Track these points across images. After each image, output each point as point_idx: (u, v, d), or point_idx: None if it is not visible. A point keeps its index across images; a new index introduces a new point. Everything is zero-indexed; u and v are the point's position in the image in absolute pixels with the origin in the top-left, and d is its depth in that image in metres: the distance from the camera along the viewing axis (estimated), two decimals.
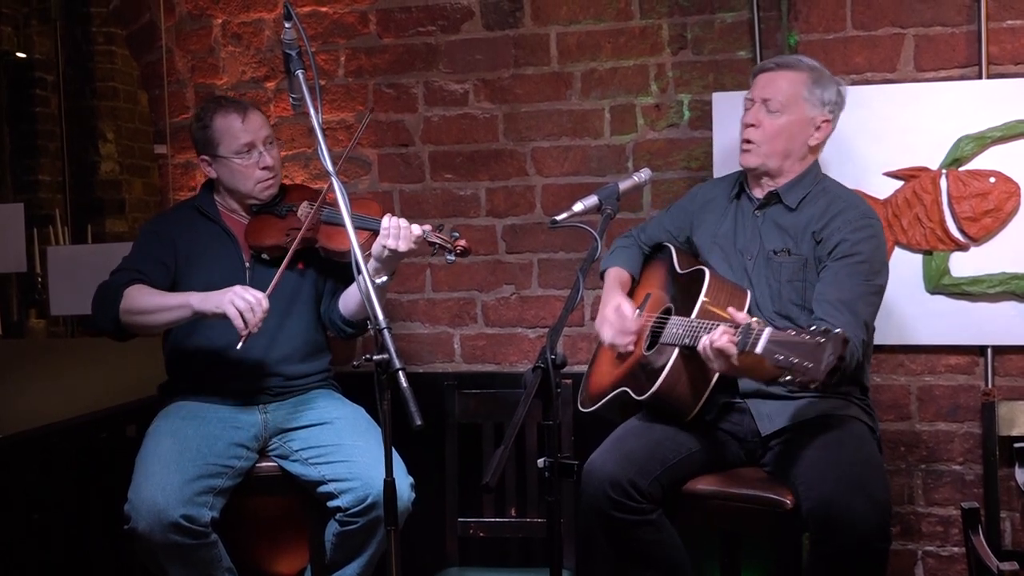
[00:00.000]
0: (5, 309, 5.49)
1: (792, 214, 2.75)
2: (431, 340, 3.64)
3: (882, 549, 2.42)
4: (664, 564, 2.62)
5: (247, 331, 2.70)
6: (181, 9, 3.76)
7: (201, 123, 3.04)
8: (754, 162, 2.76)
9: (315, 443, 2.91)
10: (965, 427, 3.18)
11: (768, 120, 2.73)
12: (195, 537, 2.72)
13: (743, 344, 2.25)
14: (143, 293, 2.86)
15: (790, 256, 2.71)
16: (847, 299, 2.56)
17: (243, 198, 3.07)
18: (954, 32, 3.12)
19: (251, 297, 2.71)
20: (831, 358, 2.07)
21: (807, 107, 2.74)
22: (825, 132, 2.78)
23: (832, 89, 2.76)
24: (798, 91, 2.73)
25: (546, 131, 3.50)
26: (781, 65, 2.78)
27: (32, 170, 6.20)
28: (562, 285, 3.51)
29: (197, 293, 2.80)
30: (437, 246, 2.91)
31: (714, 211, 2.91)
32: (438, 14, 3.56)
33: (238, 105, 3.06)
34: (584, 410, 2.90)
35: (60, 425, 3.30)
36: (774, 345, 2.17)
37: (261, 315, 2.71)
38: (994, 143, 3.06)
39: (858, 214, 2.68)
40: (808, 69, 2.76)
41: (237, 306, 2.69)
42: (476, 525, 3.21)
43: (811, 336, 2.12)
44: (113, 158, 6.51)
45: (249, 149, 3.00)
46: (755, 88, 2.79)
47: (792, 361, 2.11)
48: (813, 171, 2.80)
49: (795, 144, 2.75)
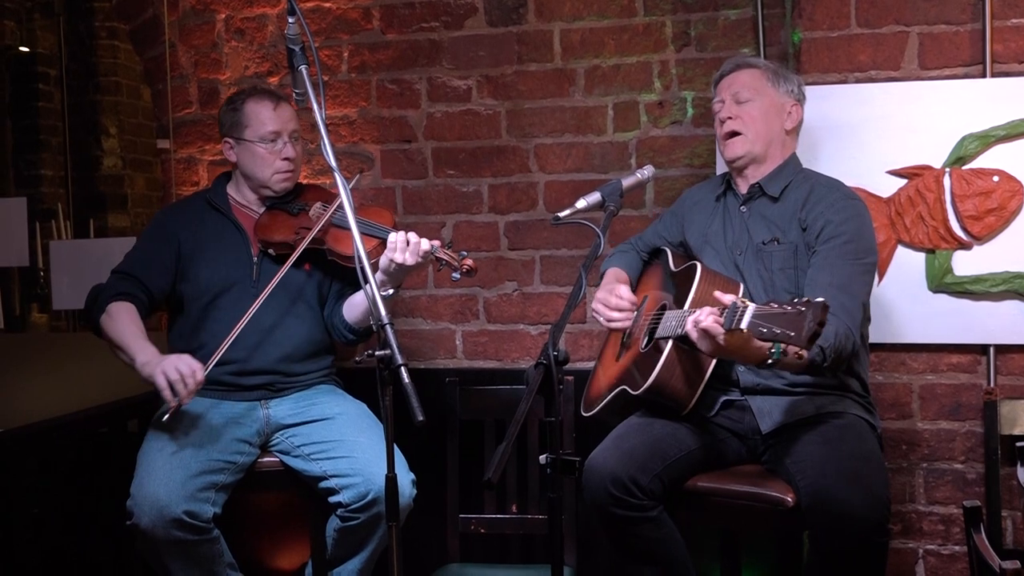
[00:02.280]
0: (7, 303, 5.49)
1: (776, 204, 2.78)
2: (433, 336, 3.64)
3: (881, 543, 2.43)
4: (665, 561, 2.62)
5: (175, 403, 2.66)
6: (184, 4, 3.76)
7: (232, 106, 3.07)
8: (741, 149, 2.80)
9: (317, 439, 2.91)
10: (967, 426, 3.18)
11: (743, 109, 2.80)
12: (197, 533, 2.72)
13: (729, 322, 2.26)
14: (120, 320, 2.84)
15: (779, 244, 2.73)
16: (839, 281, 2.58)
17: (258, 187, 3.07)
18: (958, 30, 3.11)
19: (185, 368, 2.66)
20: (812, 324, 2.07)
21: (774, 92, 2.83)
22: (796, 117, 2.85)
23: (792, 79, 2.87)
24: (761, 81, 2.83)
25: (549, 128, 3.50)
26: (740, 65, 2.87)
27: (35, 165, 6.21)
28: (564, 282, 3.51)
29: (149, 350, 2.75)
30: (444, 263, 2.91)
31: (702, 211, 2.95)
32: (441, 10, 3.56)
33: (272, 94, 3.09)
34: (586, 415, 2.91)
35: (62, 419, 3.30)
36: (758, 319, 2.17)
37: (194, 387, 2.67)
38: (998, 142, 3.06)
39: (840, 195, 2.73)
40: (764, 66, 2.87)
41: (168, 376, 2.65)
42: (477, 521, 3.22)
43: (792, 307, 2.13)
44: (116, 153, 6.51)
45: (275, 138, 3.02)
46: (719, 92, 2.87)
47: (776, 332, 2.12)
48: (793, 161, 2.85)
49: (773, 128, 2.81)
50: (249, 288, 2.97)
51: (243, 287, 2.97)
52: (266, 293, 2.80)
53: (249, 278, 2.99)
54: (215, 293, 2.99)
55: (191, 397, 2.68)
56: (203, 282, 2.99)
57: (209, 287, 2.99)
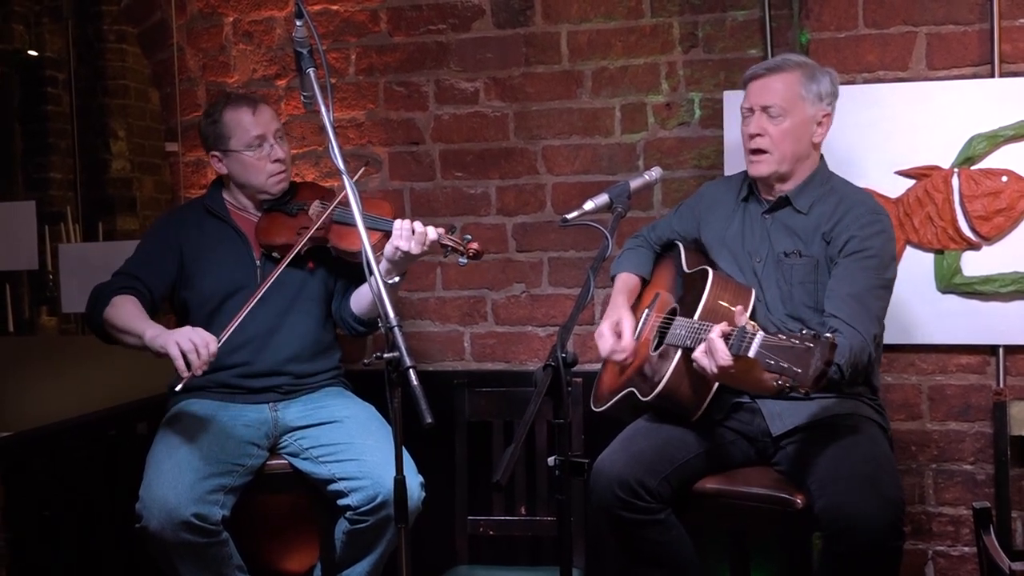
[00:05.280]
0: (16, 306, 5.50)
1: (802, 216, 2.73)
2: (441, 338, 3.64)
3: (895, 547, 2.42)
4: (673, 564, 2.62)
5: (189, 373, 2.65)
6: (192, 7, 3.77)
7: (211, 119, 3.04)
8: (767, 170, 2.73)
9: (326, 441, 2.91)
10: (976, 427, 3.17)
11: (772, 126, 2.70)
12: (206, 536, 2.72)
13: (736, 348, 2.25)
14: (125, 308, 2.84)
15: (801, 258, 2.70)
16: (857, 293, 2.56)
17: (254, 193, 3.07)
18: (966, 30, 3.11)
19: (198, 339, 2.65)
20: (818, 363, 2.06)
21: (807, 106, 2.70)
22: (827, 126, 2.76)
23: (825, 80, 2.73)
24: (795, 91, 2.69)
25: (557, 129, 3.50)
26: (772, 69, 2.73)
27: (43, 168, 6.21)
28: (572, 284, 3.51)
29: (156, 327, 2.75)
30: (449, 248, 2.91)
31: (721, 211, 2.90)
32: (449, 12, 3.56)
33: (248, 99, 3.07)
34: (596, 410, 2.90)
35: (71, 422, 3.31)
36: (766, 350, 2.17)
37: (208, 357, 2.65)
38: (1006, 142, 3.05)
39: (866, 210, 2.67)
40: (798, 66, 2.72)
41: (182, 346, 2.63)
42: (486, 523, 3.22)
43: (800, 341, 2.11)
44: (124, 156, 6.51)
45: (260, 142, 3.01)
46: (750, 96, 2.75)
47: (783, 367, 2.11)
48: (821, 171, 2.78)
49: (802, 145, 2.72)
50: (253, 292, 2.97)
51: (247, 292, 2.97)
52: (260, 294, 2.78)
53: (253, 282, 2.98)
54: (220, 299, 2.99)
55: (204, 368, 2.66)
56: (207, 289, 2.99)
57: (213, 294, 2.99)
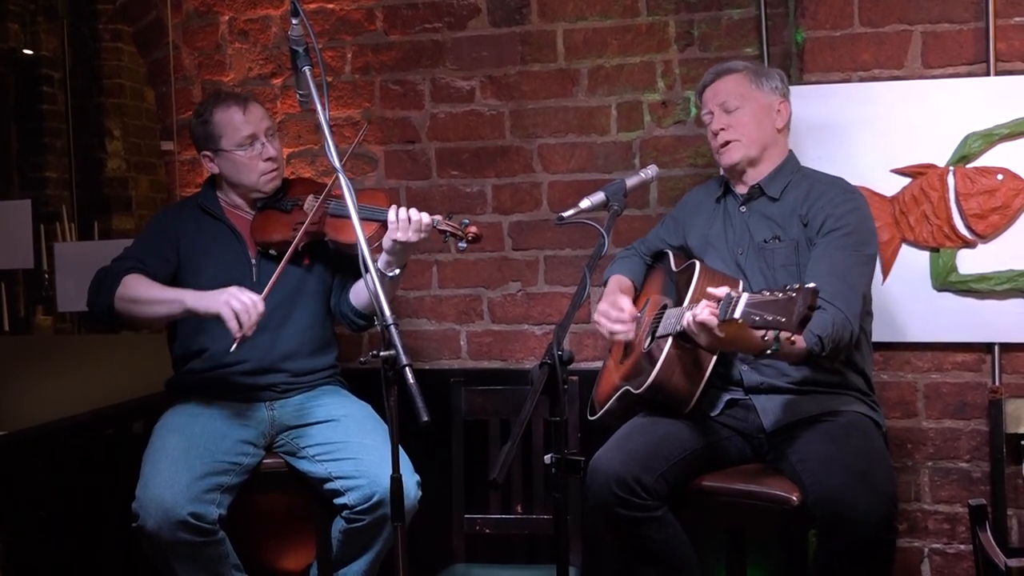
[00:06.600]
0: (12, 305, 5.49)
1: (776, 203, 2.80)
2: (437, 336, 3.64)
3: (888, 541, 2.43)
4: (670, 561, 2.62)
5: (241, 333, 2.67)
6: (188, 6, 3.77)
7: (201, 119, 3.03)
8: (737, 155, 2.80)
9: (322, 440, 2.91)
10: (972, 424, 3.18)
11: (733, 118, 2.80)
12: (203, 535, 2.72)
13: (723, 312, 2.26)
14: (141, 282, 2.86)
15: (780, 242, 2.75)
16: (838, 270, 2.59)
17: (247, 192, 3.06)
18: (962, 29, 3.11)
19: (247, 299, 2.68)
20: (802, 309, 2.09)
21: (761, 95, 2.82)
22: (786, 114, 2.86)
23: (774, 76, 2.87)
24: (746, 86, 2.82)
25: (552, 128, 3.50)
26: (720, 73, 2.86)
27: (39, 167, 6.20)
28: (568, 282, 3.51)
29: (193, 291, 2.79)
30: (448, 234, 2.90)
31: (703, 214, 2.96)
32: (444, 11, 3.56)
33: (237, 98, 3.06)
34: (591, 418, 2.92)
35: (67, 421, 3.30)
36: (751, 308, 2.18)
37: (256, 317, 2.68)
38: (1002, 140, 3.05)
39: (840, 190, 2.75)
40: (744, 68, 2.86)
41: (233, 307, 2.67)
42: (482, 522, 3.22)
43: (784, 293, 2.14)
44: (120, 155, 6.51)
45: (252, 141, 3.00)
46: (706, 102, 2.87)
47: (768, 319, 2.13)
48: (791, 161, 2.86)
49: (765, 129, 2.81)
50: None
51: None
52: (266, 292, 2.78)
53: (249, 280, 2.97)
54: None
55: (253, 329, 2.68)
56: (203, 287, 2.98)
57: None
